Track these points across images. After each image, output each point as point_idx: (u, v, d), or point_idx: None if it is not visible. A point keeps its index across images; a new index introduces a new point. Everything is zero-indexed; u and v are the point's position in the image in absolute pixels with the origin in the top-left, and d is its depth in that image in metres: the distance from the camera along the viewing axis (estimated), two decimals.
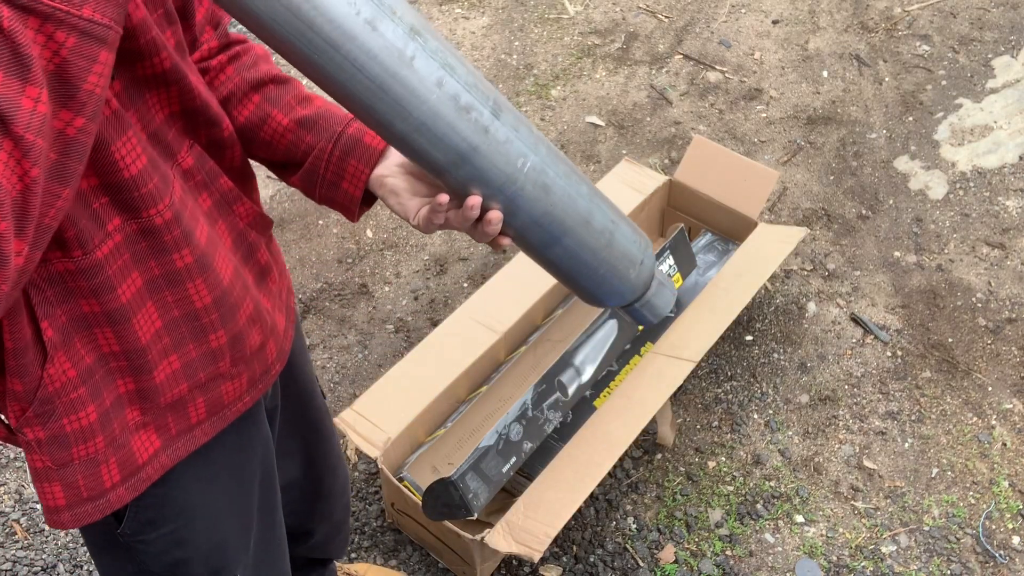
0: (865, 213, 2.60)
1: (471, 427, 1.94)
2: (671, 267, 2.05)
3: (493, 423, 1.81)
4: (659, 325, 2.09)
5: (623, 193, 2.28)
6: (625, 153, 2.75)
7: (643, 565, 1.92)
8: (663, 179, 2.33)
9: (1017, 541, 1.97)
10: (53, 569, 1.90)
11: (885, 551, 1.95)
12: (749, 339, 2.31)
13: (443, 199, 0.90)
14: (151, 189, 0.83)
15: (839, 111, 2.87)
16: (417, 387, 1.89)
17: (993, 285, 2.42)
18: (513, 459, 1.72)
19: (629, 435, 1.81)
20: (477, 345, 1.96)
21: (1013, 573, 1.92)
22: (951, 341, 2.31)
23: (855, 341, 2.31)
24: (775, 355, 2.29)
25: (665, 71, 3.01)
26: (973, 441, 2.13)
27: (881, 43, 3.07)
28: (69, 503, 0.93)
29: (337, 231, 2.56)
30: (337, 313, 2.37)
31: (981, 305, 2.38)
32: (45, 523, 1.96)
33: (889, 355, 2.28)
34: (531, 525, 1.66)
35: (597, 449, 1.78)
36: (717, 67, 3.01)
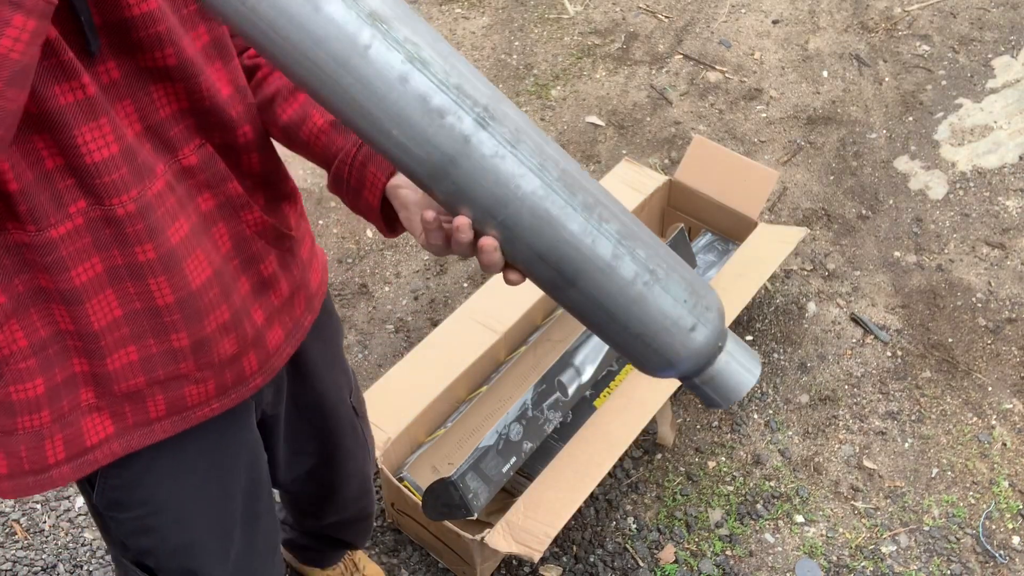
0: (865, 213, 2.60)
1: (471, 427, 1.94)
2: None
3: (493, 423, 1.81)
4: None
5: (623, 193, 2.28)
6: (625, 153, 2.75)
7: (643, 565, 1.92)
8: (663, 179, 2.33)
9: (1017, 541, 1.97)
10: (53, 569, 1.90)
11: (885, 551, 1.95)
12: (749, 339, 2.31)
13: (428, 216, 0.83)
14: (115, 179, 0.82)
15: (839, 111, 2.87)
16: (417, 387, 1.89)
17: (993, 285, 2.42)
18: (513, 459, 1.72)
19: (629, 435, 1.81)
20: (477, 345, 1.96)
21: (1013, 573, 1.92)
22: (951, 341, 2.31)
23: (855, 341, 2.31)
24: (775, 355, 2.29)
25: (665, 71, 3.01)
26: (973, 441, 2.13)
27: (881, 43, 3.08)
28: (11, 472, 0.93)
29: (337, 231, 2.56)
30: (337, 313, 2.37)
31: (981, 305, 2.38)
32: (45, 523, 1.96)
33: (889, 355, 2.28)
34: (531, 525, 1.66)
35: (597, 449, 1.78)
36: (717, 67, 3.01)
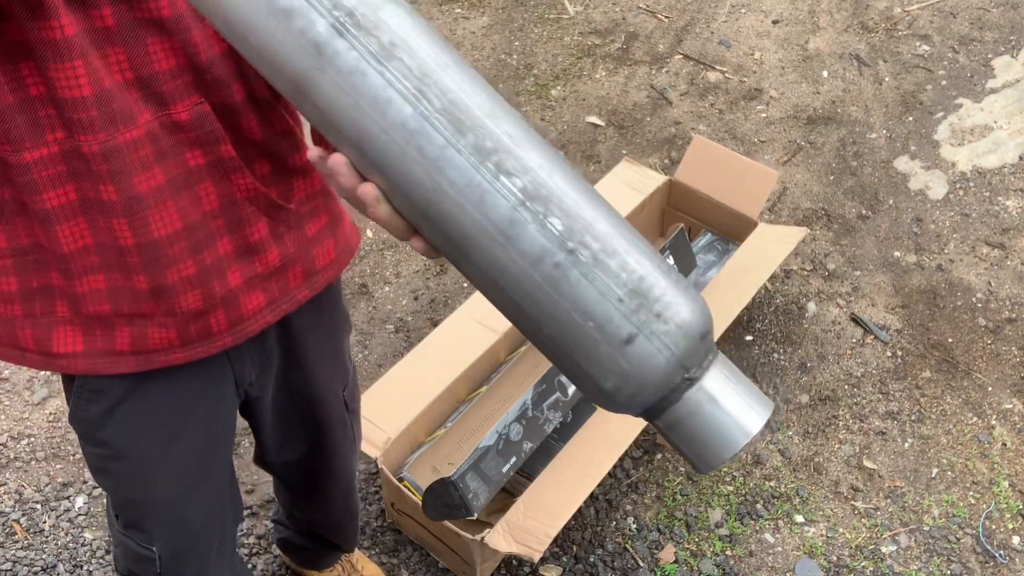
0: (865, 213, 2.60)
1: (471, 427, 1.94)
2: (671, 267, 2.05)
3: (493, 423, 1.81)
4: None
5: (623, 193, 2.28)
6: (625, 153, 2.75)
7: (643, 565, 1.92)
8: (663, 179, 2.33)
9: (1017, 541, 1.97)
10: (53, 569, 1.90)
11: (885, 551, 1.95)
12: (749, 339, 2.31)
13: (311, 152, 0.71)
14: (83, 118, 0.85)
15: (839, 111, 2.87)
16: (417, 387, 1.89)
17: (993, 285, 2.42)
18: (513, 459, 1.72)
19: (629, 435, 1.81)
20: (477, 345, 1.96)
21: (1013, 573, 1.92)
22: (951, 341, 2.31)
23: (855, 341, 2.31)
24: (775, 355, 2.29)
25: (665, 71, 3.01)
26: (973, 441, 2.13)
27: (881, 43, 3.07)
28: None
29: None
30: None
31: (981, 305, 2.38)
32: (45, 523, 1.96)
33: (889, 355, 2.28)
34: (531, 525, 1.66)
35: (597, 449, 1.78)
36: (717, 67, 3.01)
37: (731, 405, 0.66)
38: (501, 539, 1.64)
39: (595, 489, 1.94)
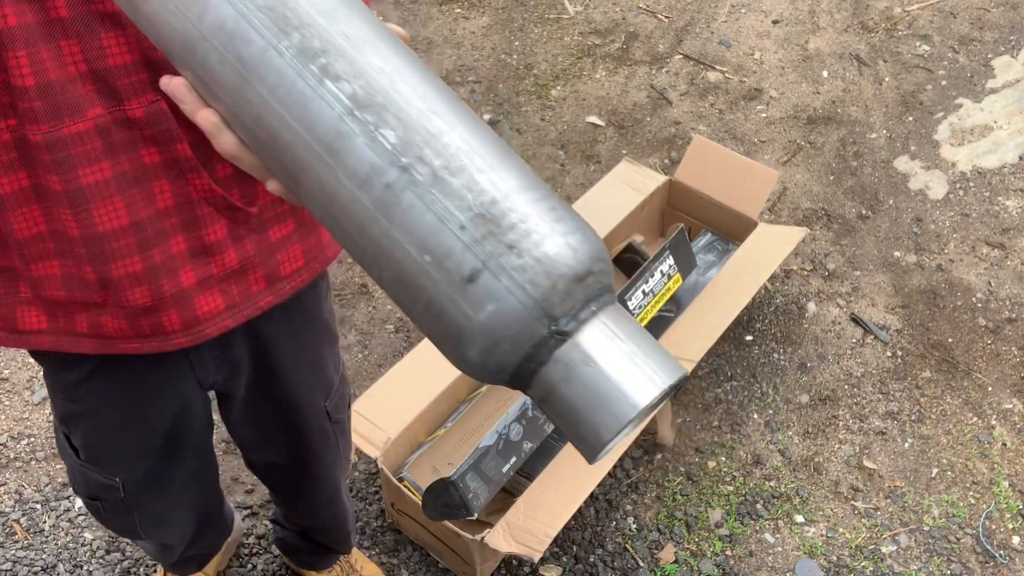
0: (865, 213, 2.60)
1: (471, 427, 1.94)
2: (671, 267, 2.05)
3: (493, 423, 1.81)
4: (659, 325, 2.09)
5: (623, 193, 2.28)
6: (625, 153, 2.75)
7: (643, 565, 1.92)
8: (663, 179, 2.33)
9: (1017, 541, 1.97)
10: (53, 569, 1.90)
11: (885, 551, 1.95)
12: (749, 339, 2.31)
13: (163, 79, 0.63)
14: (28, 107, 0.84)
15: (839, 111, 2.87)
16: (417, 387, 1.89)
17: (993, 285, 2.42)
18: (513, 459, 1.72)
19: (629, 435, 1.81)
20: None
21: (1013, 573, 1.92)
22: (951, 341, 2.31)
23: (855, 341, 2.31)
24: (775, 355, 2.29)
25: (665, 71, 3.01)
26: (973, 441, 2.13)
27: (881, 43, 3.07)
28: None
29: None
30: (337, 313, 2.37)
31: (981, 305, 2.38)
32: (45, 523, 1.96)
33: (889, 355, 2.28)
34: (531, 525, 1.66)
35: None
36: (717, 67, 3.01)
37: (615, 367, 0.52)
38: (501, 539, 1.64)
39: (595, 489, 1.94)
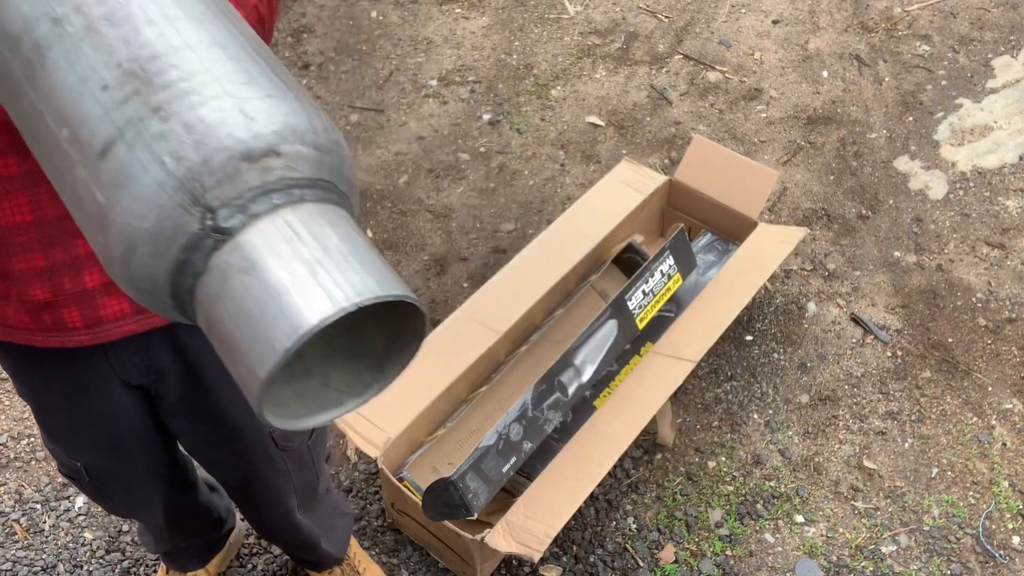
0: (865, 213, 2.60)
1: (471, 427, 1.94)
2: (671, 267, 2.05)
3: (493, 423, 1.81)
4: (659, 325, 2.09)
5: (623, 193, 2.28)
6: (625, 153, 2.75)
7: (643, 565, 1.92)
8: (663, 179, 2.32)
9: (1017, 541, 1.97)
10: (53, 569, 1.90)
11: (885, 551, 1.95)
12: (749, 339, 2.31)
13: None
14: None
15: (839, 111, 2.87)
16: (417, 387, 1.89)
17: (993, 285, 2.42)
18: (513, 459, 1.72)
19: (629, 435, 1.81)
20: (477, 345, 1.96)
21: (1013, 573, 1.92)
22: (951, 341, 2.31)
23: (855, 341, 2.31)
24: (775, 355, 2.28)
25: (665, 71, 3.01)
26: (973, 441, 2.13)
27: (881, 43, 3.07)
28: None
29: None
30: None
31: (981, 305, 2.38)
32: (45, 523, 1.96)
33: (889, 355, 2.28)
34: (531, 525, 1.66)
35: (597, 449, 1.78)
36: (717, 67, 3.01)
37: (282, 278, 0.38)
38: (501, 539, 1.64)
39: (595, 489, 1.94)
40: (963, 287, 2.42)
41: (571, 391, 1.82)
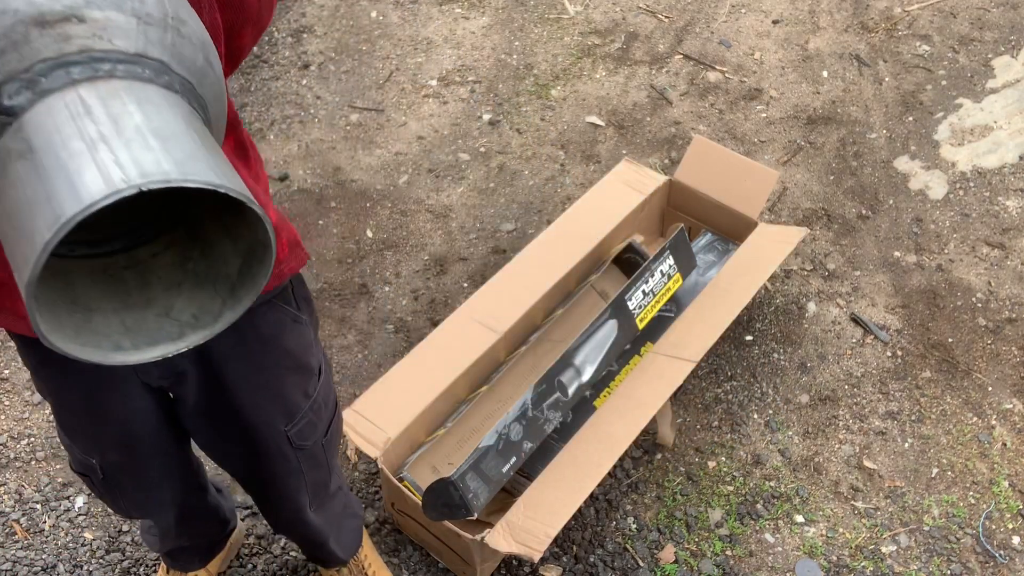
0: (865, 213, 2.60)
1: (471, 427, 1.94)
2: (671, 267, 2.05)
3: (493, 423, 1.81)
4: (659, 325, 2.09)
5: (623, 193, 2.28)
6: (625, 153, 2.75)
7: (643, 565, 1.92)
8: (663, 179, 2.32)
9: (1017, 541, 1.97)
10: (53, 569, 1.90)
11: (885, 551, 1.95)
12: (749, 339, 2.31)
13: None
14: None
15: (839, 111, 2.87)
16: (417, 387, 1.89)
17: (993, 285, 2.42)
18: (513, 459, 1.72)
19: (629, 435, 1.81)
20: (477, 345, 1.96)
21: (1013, 573, 1.92)
22: (951, 341, 2.31)
23: (855, 341, 2.31)
24: (775, 355, 2.28)
25: (665, 71, 3.01)
26: (973, 441, 2.13)
27: (881, 43, 3.07)
28: None
29: (337, 231, 2.56)
30: (337, 313, 2.37)
31: (981, 305, 2.38)
32: (45, 523, 1.96)
33: (889, 355, 2.28)
34: (531, 525, 1.66)
35: (597, 449, 1.78)
36: (717, 67, 3.01)
37: (61, 159, 0.32)
38: (501, 539, 1.64)
39: (595, 489, 1.94)
40: (963, 287, 2.42)
41: (571, 391, 1.82)
